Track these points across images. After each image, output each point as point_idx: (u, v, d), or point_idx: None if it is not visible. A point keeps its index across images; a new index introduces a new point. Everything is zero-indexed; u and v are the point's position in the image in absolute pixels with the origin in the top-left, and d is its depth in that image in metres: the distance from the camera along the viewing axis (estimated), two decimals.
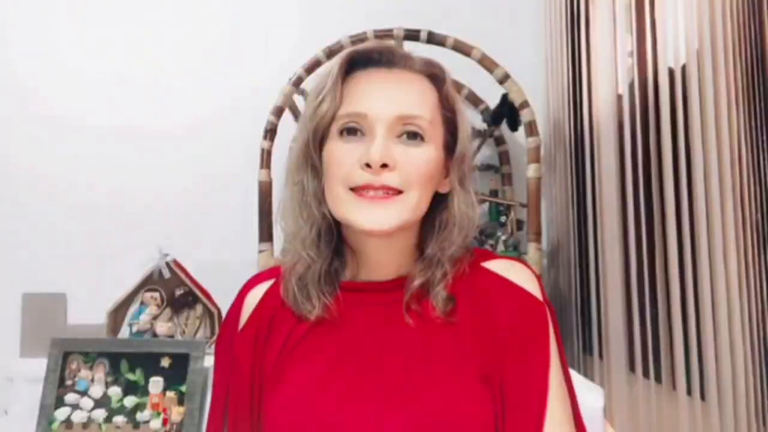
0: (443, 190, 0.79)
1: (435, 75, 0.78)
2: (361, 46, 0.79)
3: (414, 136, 0.74)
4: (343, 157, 0.73)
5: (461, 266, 0.79)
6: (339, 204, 0.74)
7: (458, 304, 0.76)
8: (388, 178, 0.72)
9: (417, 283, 0.76)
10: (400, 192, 0.73)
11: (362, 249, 0.79)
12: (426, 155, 0.74)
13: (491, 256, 0.83)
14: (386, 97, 0.74)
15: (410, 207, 0.73)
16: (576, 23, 1.56)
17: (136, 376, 1.32)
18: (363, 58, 0.78)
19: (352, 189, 0.73)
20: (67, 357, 1.34)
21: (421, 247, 0.80)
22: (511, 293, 0.77)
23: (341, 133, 0.74)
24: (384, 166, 0.71)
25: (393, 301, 0.77)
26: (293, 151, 0.79)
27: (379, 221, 0.72)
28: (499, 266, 0.80)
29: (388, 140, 0.72)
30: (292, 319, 0.79)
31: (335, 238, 0.79)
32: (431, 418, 0.70)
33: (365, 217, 0.72)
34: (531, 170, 1.49)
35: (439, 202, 0.79)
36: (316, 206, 0.77)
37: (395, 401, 0.71)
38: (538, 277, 0.80)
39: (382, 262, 0.79)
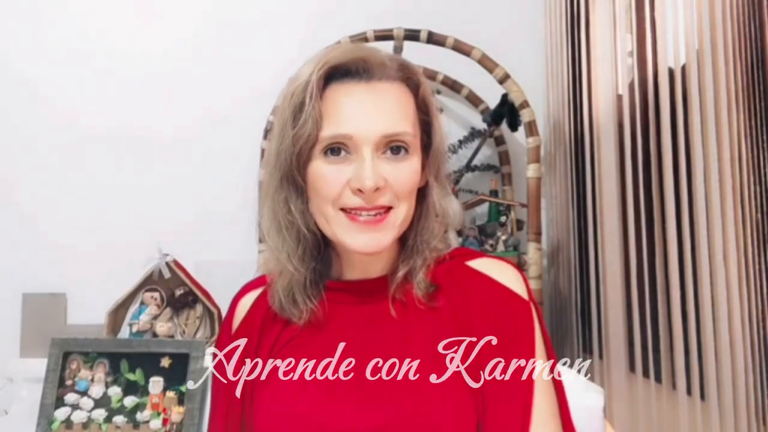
0: (419, 184, 0.79)
1: (410, 79, 0.78)
2: (335, 57, 0.75)
3: (398, 150, 0.74)
4: (330, 178, 0.73)
5: (442, 257, 0.80)
6: (330, 223, 0.74)
7: (441, 300, 0.77)
8: (381, 200, 0.72)
9: (401, 273, 0.77)
10: (389, 208, 0.73)
11: (349, 256, 0.80)
12: (412, 168, 0.75)
13: (476, 254, 0.83)
14: (369, 116, 0.73)
15: (400, 221, 0.74)
16: (576, 23, 1.56)
17: (136, 376, 1.32)
18: (339, 71, 0.75)
19: (342, 209, 0.73)
20: (67, 357, 1.34)
21: (401, 241, 0.80)
22: (496, 292, 0.78)
23: (325, 153, 0.74)
24: (376, 190, 0.71)
25: (378, 298, 0.78)
26: (271, 169, 0.78)
27: (372, 244, 0.73)
28: (484, 265, 0.80)
29: (375, 160, 0.72)
30: (280, 323, 0.80)
31: (321, 248, 0.80)
32: (411, 413, 0.71)
33: (358, 240, 0.73)
34: (531, 170, 1.49)
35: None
36: (303, 224, 0.76)
37: (375, 398, 0.72)
38: (524, 276, 0.81)
39: (368, 265, 0.80)
